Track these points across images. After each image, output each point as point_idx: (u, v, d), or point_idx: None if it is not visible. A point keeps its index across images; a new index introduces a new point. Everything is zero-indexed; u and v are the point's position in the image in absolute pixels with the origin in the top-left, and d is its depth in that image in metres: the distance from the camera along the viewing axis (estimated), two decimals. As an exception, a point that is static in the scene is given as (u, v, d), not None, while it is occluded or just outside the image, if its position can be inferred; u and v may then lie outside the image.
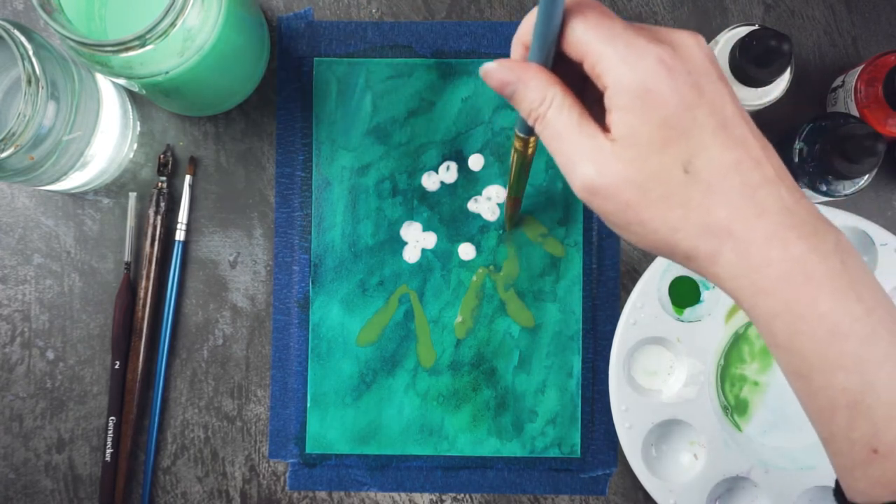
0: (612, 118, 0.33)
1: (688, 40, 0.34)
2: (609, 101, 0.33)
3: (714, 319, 0.53)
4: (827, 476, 0.52)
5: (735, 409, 0.53)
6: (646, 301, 0.52)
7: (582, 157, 0.33)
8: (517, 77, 0.35)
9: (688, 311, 0.54)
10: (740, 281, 0.33)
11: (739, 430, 0.53)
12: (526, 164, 0.45)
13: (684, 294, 0.54)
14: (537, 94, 0.34)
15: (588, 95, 0.36)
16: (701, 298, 0.54)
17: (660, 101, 0.32)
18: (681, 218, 0.33)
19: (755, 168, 0.33)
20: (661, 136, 0.32)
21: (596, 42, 0.33)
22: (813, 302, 0.32)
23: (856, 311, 0.32)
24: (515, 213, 0.53)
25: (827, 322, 0.32)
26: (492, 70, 0.35)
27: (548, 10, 0.33)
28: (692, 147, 0.33)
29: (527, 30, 0.35)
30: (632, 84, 0.32)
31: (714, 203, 0.33)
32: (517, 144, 0.42)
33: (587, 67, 0.33)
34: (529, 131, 0.41)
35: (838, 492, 0.36)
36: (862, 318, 0.32)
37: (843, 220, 0.52)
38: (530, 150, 0.43)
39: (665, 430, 0.53)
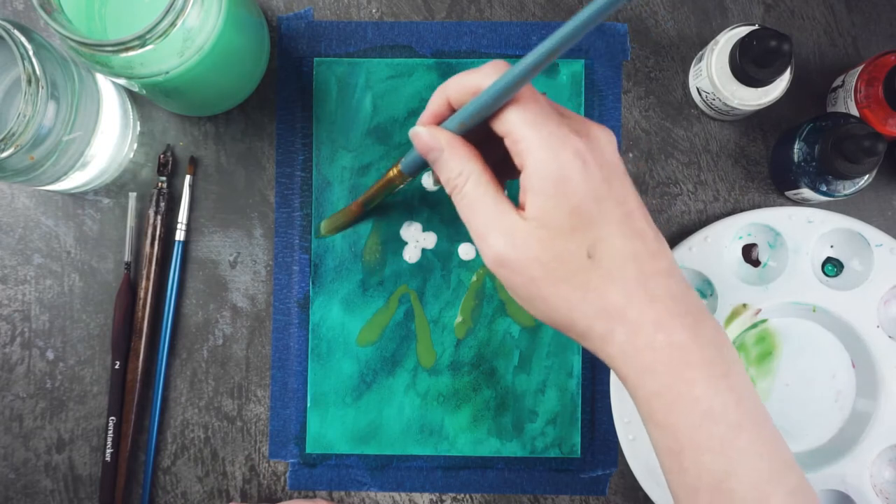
0: (526, 198, 0.36)
1: (602, 136, 0.37)
2: (526, 181, 0.36)
3: (714, 320, 0.53)
4: (829, 481, 0.52)
5: None
6: None
7: (494, 230, 0.36)
8: (441, 146, 0.38)
9: None
10: (629, 361, 0.36)
11: None
12: (390, 191, 0.48)
13: None
14: (457, 166, 0.37)
15: (504, 166, 0.39)
16: None
17: (573, 190, 0.35)
18: (580, 299, 0.36)
19: (651, 259, 0.36)
20: (571, 223, 0.35)
21: (521, 124, 0.36)
22: (689, 385, 0.35)
23: (726, 399, 0.35)
24: (350, 223, 0.55)
25: (700, 406, 0.35)
26: (421, 135, 0.38)
27: (499, 94, 0.35)
28: (597, 235, 0.36)
29: (455, 88, 0.38)
30: (549, 171, 0.35)
31: (611, 288, 0.36)
32: (393, 174, 0.45)
33: (509, 144, 0.36)
34: (414, 174, 0.44)
35: None
36: (730, 406, 0.35)
37: (838, 222, 0.52)
38: (401, 184, 0.46)
39: (666, 432, 0.53)
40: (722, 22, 0.56)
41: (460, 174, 0.37)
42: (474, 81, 0.37)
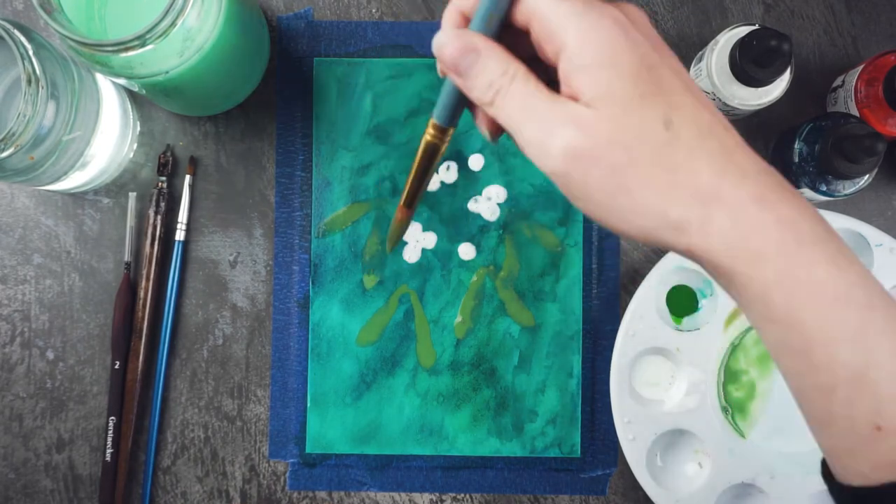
0: (579, 80, 0.31)
1: (633, 10, 0.32)
2: (570, 62, 0.31)
3: (713, 327, 0.53)
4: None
5: (737, 414, 0.53)
6: (644, 312, 0.52)
7: (561, 122, 0.31)
8: (475, 46, 0.32)
9: (686, 321, 0.53)
10: (736, 250, 0.31)
11: (743, 436, 0.53)
12: (435, 163, 0.39)
13: (682, 303, 0.54)
14: (500, 66, 0.32)
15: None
16: (699, 307, 0.54)
17: (627, 56, 0.30)
18: (669, 183, 0.30)
19: (727, 132, 0.32)
20: (638, 91, 0.30)
21: (545, 2, 0.31)
22: (810, 267, 0.30)
23: (850, 277, 0.31)
24: (405, 229, 0.43)
25: (827, 289, 0.30)
26: (448, 38, 0.32)
27: None
28: (667, 104, 0.31)
29: None
30: (594, 39, 0.30)
31: (699, 165, 0.31)
32: (432, 136, 0.36)
33: (537, 29, 0.31)
34: (453, 121, 0.36)
35: (828, 475, 0.34)
36: (858, 285, 0.31)
37: (838, 221, 0.52)
38: (444, 145, 0.37)
39: (669, 440, 0.53)
40: (722, 22, 0.56)
41: (505, 73, 0.31)
42: None
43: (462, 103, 0.35)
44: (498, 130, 0.35)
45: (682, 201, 0.30)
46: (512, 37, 0.33)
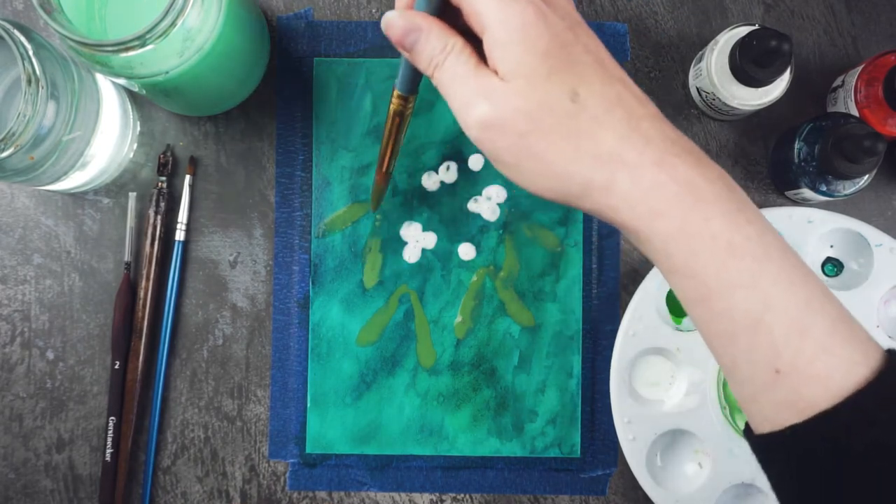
0: (495, 55, 0.34)
1: None
2: (490, 40, 0.34)
3: (713, 321, 0.53)
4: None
5: (737, 414, 0.53)
6: (644, 312, 0.52)
7: (477, 95, 0.34)
8: (420, 26, 0.36)
9: (686, 321, 0.53)
10: (637, 208, 0.34)
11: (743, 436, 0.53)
12: (403, 129, 0.45)
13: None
14: (439, 42, 0.36)
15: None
16: None
17: (538, 34, 0.34)
18: (574, 148, 0.34)
19: (638, 104, 0.35)
20: (546, 66, 0.34)
21: None
22: (705, 221, 0.33)
23: (747, 232, 0.33)
24: (384, 191, 0.52)
25: (721, 241, 0.33)
26: (394, 19, 0.36)
27: None
28: (576, 78, 0.34)
29: None
30: (511, 20, 0.34)
31: (603, 132, 0.34)
32: (396, 104, 0.42)
33: (466, 11, 0.35)
34: (412, 89, 0.41)
35: (747, 430, 0.36)
36: (754, 238, 0.33)
37: (838, 222, 0.52)
38: (408, 111, 0.43)
39: (669, 440, 0.53)
40: (722, 22, 0.56)
41: (444, 48, 0.35)
42: None
43: (417, 74, 0.40)
44: None
45: (586, 164, 0.34)
46: (454, 13, 0.36)
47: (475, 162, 0.56)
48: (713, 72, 0.51)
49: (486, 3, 0.34)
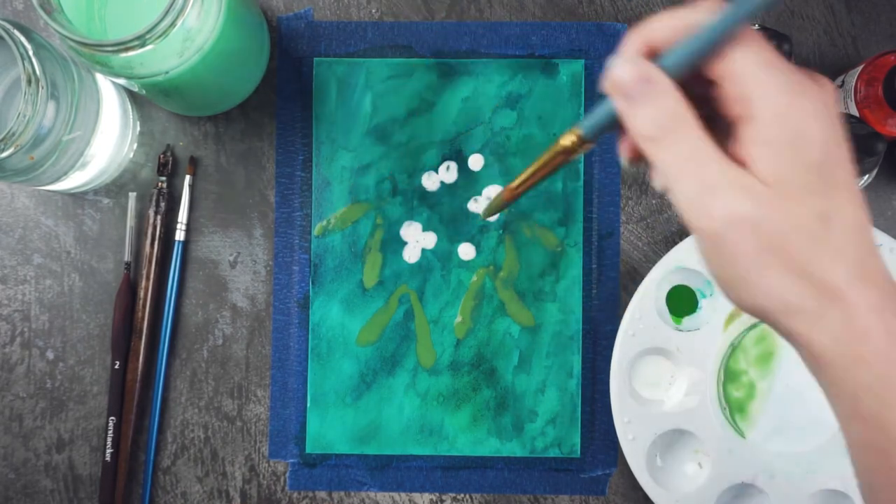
0: (760, 153, 0.31)
1: (832, 95, 0.32)
2: (756, 131, 0.31)
3: (713, 328, 0.53)
4: (829, 481, 0.52)
5: (737, 414, 0.53)
6: (644, 312, 0.52)
7: (731, 186, 0.31)
8: (655, 80, 0.31)
9: (686, 320, 0.53)
10: (841, 349, 0.31)
11: (743, 436, 0.53)
12: (559, 166, 0.39)
13: (682, 303, 0.54)
14: (670, 104, 0.31)
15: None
16: (699, 307, 0.54)
17: (813, 145, 0.30)
18: (801, 272, 0.31)
19: (868, 234, 0.32)
20: (807, 184, 0.31)
21: (754, 65, 0.30)
22: None
23: None
24: (504, 208, 0.46)
25: None
26: (627, 63, 0.32)
27: (734, 26, 0.30)
28: (831, 202, 0.31)
29: (662, 27, 0.32)
30: (791, 119, 0.30)
31: (836, 265, 0.31)
32: (571, 144, 0.36)
33: (730, 89, 0.31)
34: (596, 138, 0.36)
35: None
36: None
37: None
38: (575, 156, 0.37)
39: (669, 440, 0.53)
40: (722, 22, 0.56)
41: (674, 116, 0.31)
42: (688, 18, 0.31)
43: (612, 126, 0.34)
44: (638, 160, 0.35)
45: (807, 291, 0.31)
46: (690, 82, 0.32)
47: (475, 162, 0.56)
48: (713, 72, 0.51)
49: (766, 89, 0.30)
